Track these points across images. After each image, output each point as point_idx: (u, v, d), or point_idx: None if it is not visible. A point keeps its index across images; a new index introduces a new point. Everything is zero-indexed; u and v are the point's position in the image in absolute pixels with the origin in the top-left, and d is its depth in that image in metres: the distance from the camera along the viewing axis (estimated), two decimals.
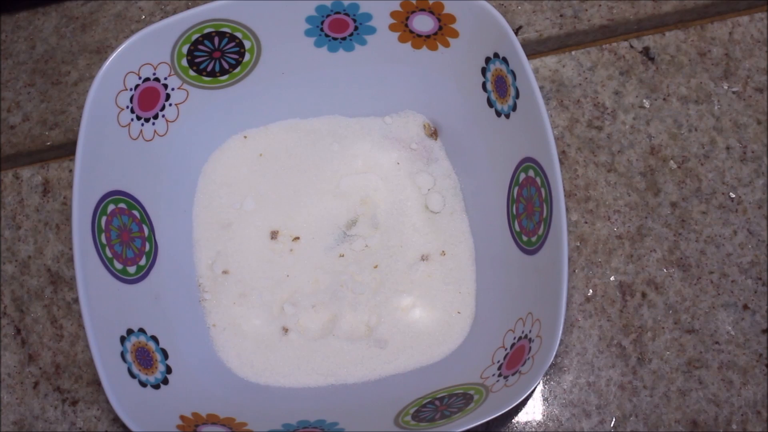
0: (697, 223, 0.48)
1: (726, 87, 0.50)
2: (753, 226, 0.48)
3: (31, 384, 0.48)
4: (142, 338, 0.42)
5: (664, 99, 0.50)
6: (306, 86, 0.48)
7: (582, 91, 0.51)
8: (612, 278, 0.47)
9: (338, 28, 0.45)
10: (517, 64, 0.41)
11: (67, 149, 0.53)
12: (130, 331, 0.41)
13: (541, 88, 0.51)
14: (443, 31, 0.44)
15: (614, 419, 0.45)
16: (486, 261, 0.46)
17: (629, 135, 0.50)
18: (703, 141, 0.49)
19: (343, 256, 0.47)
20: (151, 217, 0.45)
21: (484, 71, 0.44)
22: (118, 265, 0.42)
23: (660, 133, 0.50)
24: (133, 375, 0.40)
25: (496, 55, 0.42)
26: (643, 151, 0.49)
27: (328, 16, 0.44)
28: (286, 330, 0.46)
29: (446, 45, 0.45)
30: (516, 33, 0.52)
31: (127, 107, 0.43)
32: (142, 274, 0.44)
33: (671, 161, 0.49)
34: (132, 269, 0.43)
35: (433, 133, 0.49)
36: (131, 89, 0.43)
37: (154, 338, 0.42)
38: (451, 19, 0.43)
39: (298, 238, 0.48)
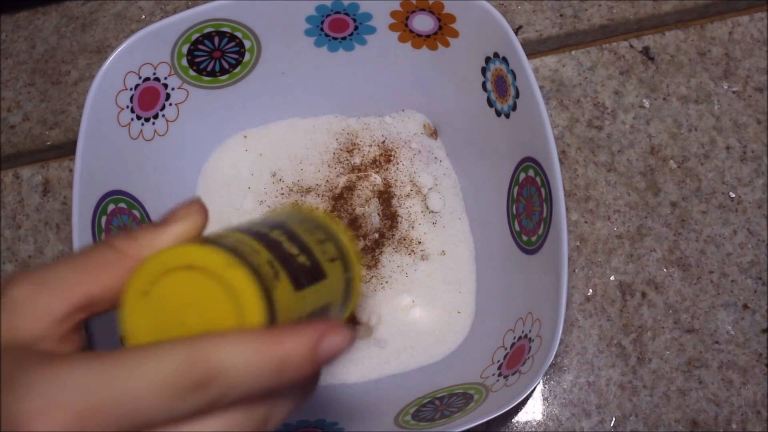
0: (697, 222, 0.48)
1: (726, 87, 0.50)
2: (753, 226, 0.48)
3: None
4: None
5: (664, 99, 0.50)
6: (306, 86, 0.48)
7: (582, 91, 0.51)
8: (612, 278, 0.47)
9: (338, 28, 0.45)
10: (517, 63, 0.41)
11: (67, 149, 0.53)
12: None
13: (541, 87, 0.51)
14: (443, 31, 0.44)
15: (614, 419, 0.45)
16: (486, 261, 0.46)
17: (629, 135, 0.50)
18: (703, 141, 0.49)
19: None
20: (151, 216, 0.45)
21: (484, 71, 0.44)
22: None
23: (660, 132, 0.50)
24: None
25: (496, 55, 0.42)
26: (643, 150, 0.49)
27: (328, 15, 0.44)
28: None
29: (446, 45, 0.45)
30: (516, 33, 0.52)
31: (127, 107, 0.43)
32: None
33: (671, 161, 0.49)
34: None
35: (433, 133, 0.49)
36: (131, 89, 0.43)
37: None
38: (451, 18, 0.43)
39: None
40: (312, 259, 0.29)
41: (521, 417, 0.45)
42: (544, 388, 0.46)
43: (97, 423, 0.22)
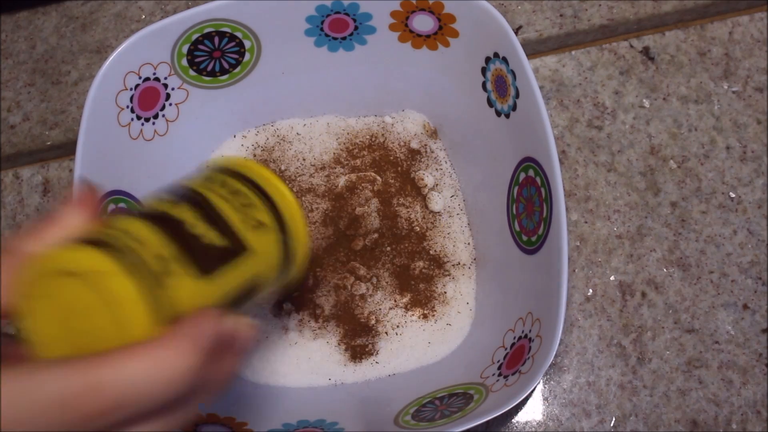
0: (697, 222, 0.48)
1: (726, 87, 0.50)
2: (753, 226, 0.48)
3: None
4: None
5: (664, 99, 0.50)
6: (306, 86, 0.48)
7: (582, 91, 0.51)
8: (612, 278, 0.47)
9: (338, 28, 0.45)
10: (517, 63, 0.41)
11: (67, 149, 0.53)
12: None
13: (541, 87, 0.51)
14: (443, 31, 0.44)
15: (614, 419, 0.45)
16: (486, 261, 0.46)
17: (629, 135, 0.50)
18: (703, 141, 0.49)
19: (343, 255, 0.47)
20: None
21: (484, 71, 0.44)
22: None
23: (660, 132, 0.50)
24: None
25: (496, 55, 0.42)
26: (643, 150, 0.49)
27: (328, 15, 0.44)
28: (286, 330, 0.46)
29: (446, 45, 0.45)
30: (516, 33, 0.52)
31: (127, 107, 0.43)
32: None
33: (671, 161, 0.49)
34: None
35: (433, 133, 0.49)
36: (131, 89, 0.43)
37: None
38: (451, 18, 0.43)
39: None
40: (226, 234, 0.26)
41: (521, 417, 0.45)
42: (544, 388, 0.46)
43: None
